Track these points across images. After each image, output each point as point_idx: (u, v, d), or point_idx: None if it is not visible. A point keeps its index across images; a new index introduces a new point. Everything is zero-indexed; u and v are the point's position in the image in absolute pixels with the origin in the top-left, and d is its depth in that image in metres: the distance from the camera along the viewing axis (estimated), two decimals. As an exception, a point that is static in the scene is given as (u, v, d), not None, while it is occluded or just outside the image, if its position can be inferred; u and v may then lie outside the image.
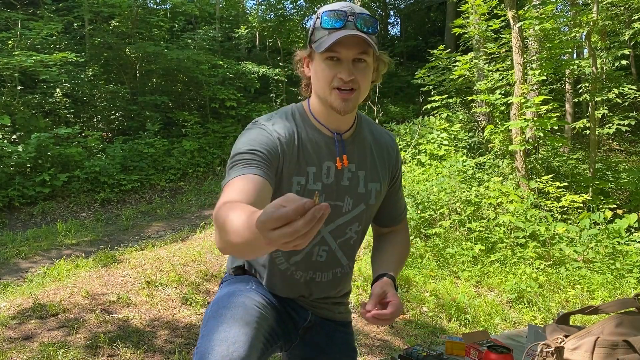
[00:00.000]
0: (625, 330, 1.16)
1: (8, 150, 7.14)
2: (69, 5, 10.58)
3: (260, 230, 0.66)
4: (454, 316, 3.64)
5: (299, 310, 1.38)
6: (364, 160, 1.30)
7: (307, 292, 1.35)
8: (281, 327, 1.29)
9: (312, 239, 1.22)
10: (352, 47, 1.14)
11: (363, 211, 1.32)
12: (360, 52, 1.15)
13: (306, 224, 0.63)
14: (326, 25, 1.16)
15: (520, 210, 5.27)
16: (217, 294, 1.33)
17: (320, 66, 1.18)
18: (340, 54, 1.15)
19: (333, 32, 1.14)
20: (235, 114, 11.30)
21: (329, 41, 1.12)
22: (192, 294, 3.46)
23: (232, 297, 1.21)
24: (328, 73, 1.16)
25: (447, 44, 11.58)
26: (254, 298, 1.23)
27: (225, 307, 1.16)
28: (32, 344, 2.68)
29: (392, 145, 1.39)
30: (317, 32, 1.19)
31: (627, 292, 4.14)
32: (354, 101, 1.19)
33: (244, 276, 1.38)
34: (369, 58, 1.18)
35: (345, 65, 1.15)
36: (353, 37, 1.12)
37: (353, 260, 1.41)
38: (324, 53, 1.15)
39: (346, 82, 1.15)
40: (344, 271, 1.37)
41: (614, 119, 9.01)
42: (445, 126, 8.05)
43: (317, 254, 1.31)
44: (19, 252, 5.02)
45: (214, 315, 1.14)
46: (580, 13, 7.28)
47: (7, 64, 7.60)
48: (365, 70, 1.18)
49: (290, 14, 18.04)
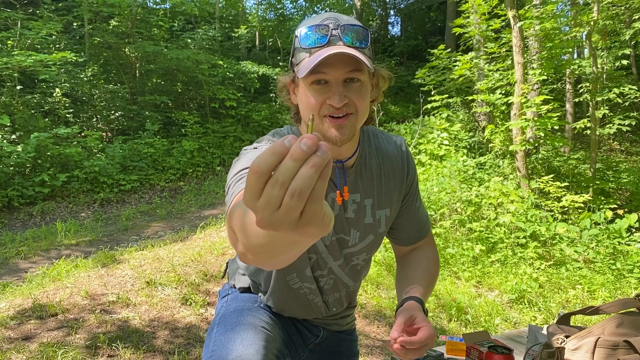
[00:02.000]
0: (626, 330, 1.16)
1: (7, 150, 7.13)
2: (68, 4, 10.57)
3: (248, 206, 0.48)
4: (454, 316, 3.63)
5: (310, 327, 1.35)
6: (370, 187, 1.17)
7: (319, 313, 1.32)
8: (289, 346, 1.26)
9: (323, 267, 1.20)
10: (340, 66, 0.96)
11: (372, 242, 1.22)
12: (351, 71, 0.97)
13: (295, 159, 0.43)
14: (306, 43, 0.98)
15: (521, 211, 5.26)
16: (223, 309, 1.27)
17: (306, 93, 1.00)
18: (327, 75, 0.97)
19: (315, 51, 0.96)
20: (235, 113, 11.31)
21: (311, 63, 0.94)
22: (192, 294, 3.45)
23: (240, 317, 1.16)
24: (316, 100, 0.99)
25: (448, 44, 11.58)
26: (261, 318, 1.19)
27: (233, 329, 1.11)
28: (32, 345, 2.67)
29: (401, 154, 1.23)
30: (297, 54, 1.02)
31: (627, 293, 4.13)
32: (350, 128, 1.01)
33: (250, 294, 1.32)
34: (363, 76, 1.00)
35: (334, 88, 0.97)
36: (340, 55, 0.95)
37: (360, 280, 1.34)
38: (308, 77, 0.98)
39: (338, 109, 0.98)
40: (350, 290, 1.32)
41: (614, 118, 9.01)
42: (446, 126, 8.04)
43: (324, 282, 1.26)
44: (19, 252, 5.01)
45: (221, 338, 1.09)
46: (580, 13, 7.26)
47: (6, 64, 7.59)
48: (360, 90, 1.00)
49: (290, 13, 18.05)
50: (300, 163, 0.43)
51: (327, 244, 1.18)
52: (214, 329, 1.15)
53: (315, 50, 0.96)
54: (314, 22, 0.99)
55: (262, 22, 15.52)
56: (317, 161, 0.43)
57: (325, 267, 1.21)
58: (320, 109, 1.00)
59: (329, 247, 1.19)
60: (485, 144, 8.14)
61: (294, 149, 0.43)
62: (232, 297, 1.32)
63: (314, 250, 1.19)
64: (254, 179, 0.45)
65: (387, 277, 4.21)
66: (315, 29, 0.97)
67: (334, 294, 1.29)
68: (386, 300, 3.78)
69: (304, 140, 0.43)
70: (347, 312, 1.41)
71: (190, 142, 9.79)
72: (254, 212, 0.47)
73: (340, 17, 1.00)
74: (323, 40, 0.96)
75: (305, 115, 1.05)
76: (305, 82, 1.00)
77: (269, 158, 0.44)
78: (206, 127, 10.68)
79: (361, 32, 0.98)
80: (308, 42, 0.97)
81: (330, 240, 1.18)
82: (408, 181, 1.24)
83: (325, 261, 1.21)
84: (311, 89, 0.99)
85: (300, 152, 0.43)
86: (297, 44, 1.01)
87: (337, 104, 0.97)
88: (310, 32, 0.97)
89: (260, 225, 0.47)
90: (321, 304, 1.29)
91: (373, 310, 3.60)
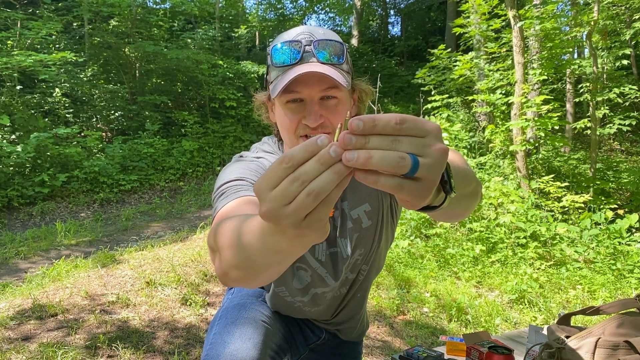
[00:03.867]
0: (626, 330, 1.15)
1: (7, 150, 7.13)
2: (68, 4, 10.57)
3: (259, 193, 0.47)
4: (454, 317, 3.63)
5: (313, 327, 1.35)
6: (348, 188, 1.13)
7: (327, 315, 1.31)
8: (289, 342, 1.26)
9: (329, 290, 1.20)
10: (314, 84, 0.92)
11: (358, 237, 1.17)
12: (326, 89, 0.93)
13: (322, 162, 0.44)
14: (279, 61, 0.94)
15: (521, 211, 5.26)
16: (228, 302, 1.29)
17: (281, 112, 0.98)
18: (301, 94, 0.93)
19: (288, 69, 0.92)
20: (235, 113, 11.30)
21: (283, 82, 0.91)
22: (192, 294, 3.45)
23: (241, 311, 1.17)
24: (290, 119, 0.96)
25: (448, 44, 11.58)
26: (263, 312, 1.19)
27: (234, 322, 1.11)
28: (31, 345, 2.67)
29: None
30: (271, 72, 0.98)
31: (628, 293, 4.13)
32: None
33: (255, 289, 1.33)
34: (340, 93, 0.95)
35: (309, 107, 0.94)
36: (313, 73, 0.90)
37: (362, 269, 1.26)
38: (282, 96, 0.94)
39: (314, 129, 0.95)
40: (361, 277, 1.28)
41: (614, 118, 9.01)
42: (446, 126, 8.02)
43: (337, 290, 1.26)
44: (18, 253, 5.01)
45: (222, 331, 1.10)
46: (581, 13, 7.26)
47: (6, 64, 7.59)
48: (337, 108, 0.96)
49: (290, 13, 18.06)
50: (325, 167, 0.44)
51: (322, 259, 1.18)
52: (215, 322, 1.16)
53: (288, 69, 0.92)
54: (287, 38, 0.95)
55: (262, 22, 15.53)
56: (341, 169, 0.44)
57: (327, 288, 1.22)
58: (296, 129, 0.96)
59: (324, 263, 1.19)
60: (486, 144, 8.13)
61: (323, 153, 0.44)
62: (237, 290, 1.34)
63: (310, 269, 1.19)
64: (280, 169, 0.45)
65: (387, 277, 4.21)
66: (288, 45, 0.93)
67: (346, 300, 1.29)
68: (386, 300, 3.78)
69: (333, 148, 0.44)
70: (353, 324, 1.38)
71: (190, 142, 9.79)
72: (262, 201, 0.47)
73: (314, 32, 0.95)
74: (296, 57, 0.92)
75: (284, 134, 1.01)
76: (279, 101, 0.97)
77: (302, 154, 0.45)
78: (206, 127, 10.67)
79: (337, 47, 0.94)
80: (281, 60, 0.93)
81: (325, 254, 1.18)
82: None
83: (326, 282, 1.21)
84: (286, 108, 0.96)
85: (327, 157, 0.44)
86: (270, 61, 0.97)
87: (312, 124, 0.93)
88: (283, 49, 0.93)
89: (264, 215, 0.47)
90: (320, 311, 1.29)
91: (373, 310, 3.60)
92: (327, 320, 1.34)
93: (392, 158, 0.44)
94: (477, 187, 0.89)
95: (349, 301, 1.31)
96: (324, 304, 1.26)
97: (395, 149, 0.45)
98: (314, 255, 1.18)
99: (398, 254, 4.65)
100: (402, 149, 0.45)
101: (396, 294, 3.88)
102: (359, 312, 1.36)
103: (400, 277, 4.21)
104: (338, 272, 1.19)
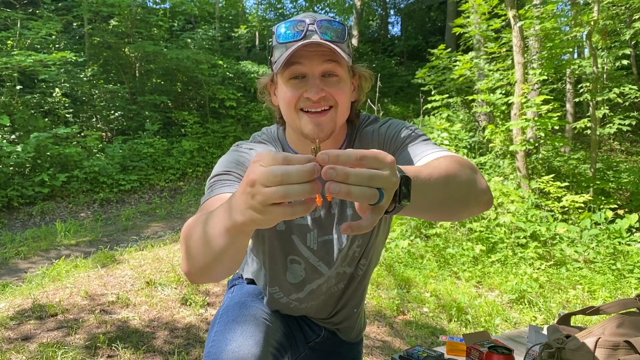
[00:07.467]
0: (626, 330, 1.15)
1: (7, 150, 7.13)
2: (68, 4, 10.57)
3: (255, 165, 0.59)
4: (454, 317, 3.63)
5: (312, 325, 1.36)
6: None
7: (325, 313, 1.32)
8: (289, 340, 1.27)
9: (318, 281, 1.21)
10: (316, 58, 0.95)
11: None
12: (327, 61, 0.96)
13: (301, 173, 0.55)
14: (282, 39, 0.97)
15: (521, 211, 5.26)
16: (228, 300, 1.30)
17: (284, 89, 1.00)
18: (303, 67, 0.96)
19: (291, 45, 0.95)
20: (235, 113, 11.30)
21: (287, 55, 0.94)
22: (192, 294, 3.45)
23: (242, 309, 1.17)
24: (292, 94, 0.98)
25: (448, 44, 11.58)
26: (263, 310, 1.21)
27: (235, 320, 1.12)
28: (31, 345, 2.67)
29: (374, 132, 1.12)
30: (275, 51, 1.01)
31: (628, 293, 4.13)
32: (329, 124, 0.98)
33: (256, 286, 1.34)
34: (341, 70, 0.98)
35: (311, 81, 0.96)
36: (316, 45, 0.93)
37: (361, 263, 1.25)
38: (285, 71, 0.97)
39: (315, 102, 0.96)
40: (354, 274, 1.28)
41: (614, 118, 9.01)
42: (446, 126, 8.02)
43: (327, 286, 1.25)
44: (18, 253, 5.01)
45: (223, 329, 1.10)
46: (580, 12, 7.26)
47: (6, 64, 7.59)
48: (339, 84, 0.98)
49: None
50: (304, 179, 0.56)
51: (314, 247, 1.18)
52: (217, 320, 1.16)
53: (291, 44, 0.95)
54: (292, 19, 0.99)
55: (262, 22, 15.53)
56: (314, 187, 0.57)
57: (321, 276, 1.22)
58: (297, 102, 0.98)
59: (316, 252, 1.19)
60: (486, 144, 8.13)
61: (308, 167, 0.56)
62: (238, 288, 1.35)
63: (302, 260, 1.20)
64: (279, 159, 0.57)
65: (387, 277, 4.21)
66: (292, 25, 0.96)
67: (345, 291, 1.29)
68: (386, 300, 3.78)
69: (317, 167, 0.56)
70: (351, 324, 1.38)
71: (190, 142, 9.79)
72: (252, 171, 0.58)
73: (317, 15, 0.99)
74: (298, 35, 0.95)
75: (284, 111, 1.03)
76: (282, 78, 1.00)
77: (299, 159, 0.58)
78: (206, 127, 10.67)
79: (339, 28, 0.97)
80: (285, 38, 0.97)
81: (317, 242, 1.18)
82: (386, 147, 1.10)
83: (319, 271, 1.21)
84: (289, 84, 0.99)
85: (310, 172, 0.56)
86: (275, 41, 1.00)
87: (314, 96, 0.95)
88: (287, 28, 0.97)
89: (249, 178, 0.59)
90: (317, 306, 1.29)
91: (373, 310, 3.60)
92: (326, 319, 1.34)
93: (367, 194, 0.57)
94: (462, 191, 0.87)
95: (348, 300, 1.31)
96: (319, 299, 1.26)
97: (370, 186, 0.57)
98: (306, 244, 1.18)
99: (398, 253, 4.65)
100: (375, 185, 0.57)
101: (396, 293, 3.88)
102: (358, 309, 1.37)
103: (400, 277, 4.21)
104: (331, 259, 1.19)
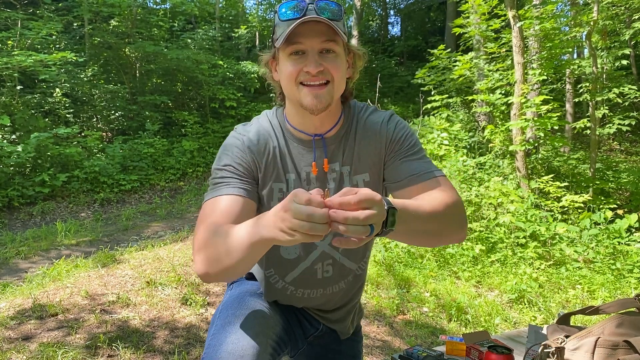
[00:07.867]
0: (626, 330, 1.15)
1: (7, 150, 7.13)
2: (68, 5, 10.58)
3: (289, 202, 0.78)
4: (454, 316, 3.63)
5: (310, 319, 1.37)
6: (349, 156, 1.19)
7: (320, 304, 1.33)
8: (289, 334, 1.27)
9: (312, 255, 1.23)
10: (315, 35, 1.05)
11: None
12: (326, 40, 1.06)
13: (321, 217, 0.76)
14: (284, 17, 1.06)
15: (521, 210, 5.26)
16: (227, 295, 1.31)
17: (285, 64, 1.09)
18: (303, 44, 1.06)
19: (292, 23, 1.04)
20: (235, 113, 11.31)
21: (288, 32, 1.03)
22: (192, 294, 3.45)
23: (241, 303, 1.18)
24: (293, 69, 1.07)
25: (448, 44, 11.59)
26: (262, 304, 1.22)
27: (235, 314, 1.13)
28: (32, 345, 2.67)
29: (383, 125, 1.19)
30: (277, 29, 1.10)
31: (627, 292, 4.13)
32: (326, 96, 1.08)
33: (255, 282, 1.36)
34: (338, 47, 1.08)
35: (310, 56, 1.06)
36: (315, 23, 1.03)
37: (363, 261, 1.33)
38: (286, 47, 1.07)
39: (314, 76, 1.06)
40: (356, 274, 1.32)
41: (614, 118, 9.02)
42: (446, 126, 8.03)
43: (322, 270, 1.26)
44: (19, 252, 5.01)
45: (223, 323, 1.11)
46: (580, 13, 7.27)
47: (6, 64, 7.59)
48: (336, 60, 1.08)
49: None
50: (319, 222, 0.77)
51: None
52: (217, 315, 1.18)
53: (292, 23, 1.04)
54: (292, 0, 1.08)
55: (262, 22, 15.52)
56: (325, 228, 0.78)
57: (316, 250, 1.23)
58: (297, 76, 1.07)
59: None
60: (485, 144, 8.14)
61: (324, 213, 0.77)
62: (237, 284, 1.37)
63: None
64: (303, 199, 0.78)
65: (387, 277, 4.21)
66: (293, 5, 1.06)
67: (337, 284, 1.30)
68: (386, 300, 3.78)
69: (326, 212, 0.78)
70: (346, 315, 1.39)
71: (190, 142, 9.79)
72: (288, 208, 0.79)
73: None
74: (299, 14, 1.04)
75: (285, 85, 1.12)
76: (283, 54, 1.09)
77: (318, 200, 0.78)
78: (206, 127, 10.68)
79: (335, 8, 1.07)
80: (286, 16, 1.06)
81: None
82: (391, 147, 1.18)
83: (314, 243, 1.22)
84: (290, 60, 1.08)
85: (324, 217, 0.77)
86: (277, 20, 1.09)
87: (313, 70, 1.05)
88: (288, 8, 1.06)
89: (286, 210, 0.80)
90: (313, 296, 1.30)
91: (373, 310, 3.60)
92: (324, 312, 1.35)
93: (361, 231, 0.78)
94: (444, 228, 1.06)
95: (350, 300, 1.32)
96: (314, 282, 1.27)
97: (363, 224, 0.77)
98: None
99: (398, 253, 4.65)
100: (367, 223, 0.77)
101: (396, 293, 3.88)
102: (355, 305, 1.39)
103: (400, 277, 4.21)
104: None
